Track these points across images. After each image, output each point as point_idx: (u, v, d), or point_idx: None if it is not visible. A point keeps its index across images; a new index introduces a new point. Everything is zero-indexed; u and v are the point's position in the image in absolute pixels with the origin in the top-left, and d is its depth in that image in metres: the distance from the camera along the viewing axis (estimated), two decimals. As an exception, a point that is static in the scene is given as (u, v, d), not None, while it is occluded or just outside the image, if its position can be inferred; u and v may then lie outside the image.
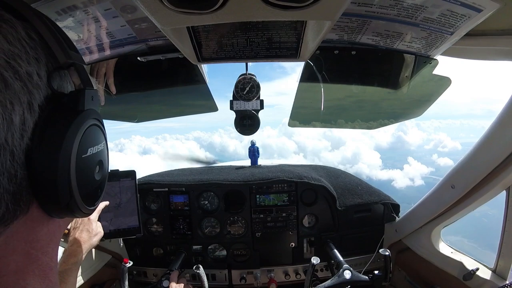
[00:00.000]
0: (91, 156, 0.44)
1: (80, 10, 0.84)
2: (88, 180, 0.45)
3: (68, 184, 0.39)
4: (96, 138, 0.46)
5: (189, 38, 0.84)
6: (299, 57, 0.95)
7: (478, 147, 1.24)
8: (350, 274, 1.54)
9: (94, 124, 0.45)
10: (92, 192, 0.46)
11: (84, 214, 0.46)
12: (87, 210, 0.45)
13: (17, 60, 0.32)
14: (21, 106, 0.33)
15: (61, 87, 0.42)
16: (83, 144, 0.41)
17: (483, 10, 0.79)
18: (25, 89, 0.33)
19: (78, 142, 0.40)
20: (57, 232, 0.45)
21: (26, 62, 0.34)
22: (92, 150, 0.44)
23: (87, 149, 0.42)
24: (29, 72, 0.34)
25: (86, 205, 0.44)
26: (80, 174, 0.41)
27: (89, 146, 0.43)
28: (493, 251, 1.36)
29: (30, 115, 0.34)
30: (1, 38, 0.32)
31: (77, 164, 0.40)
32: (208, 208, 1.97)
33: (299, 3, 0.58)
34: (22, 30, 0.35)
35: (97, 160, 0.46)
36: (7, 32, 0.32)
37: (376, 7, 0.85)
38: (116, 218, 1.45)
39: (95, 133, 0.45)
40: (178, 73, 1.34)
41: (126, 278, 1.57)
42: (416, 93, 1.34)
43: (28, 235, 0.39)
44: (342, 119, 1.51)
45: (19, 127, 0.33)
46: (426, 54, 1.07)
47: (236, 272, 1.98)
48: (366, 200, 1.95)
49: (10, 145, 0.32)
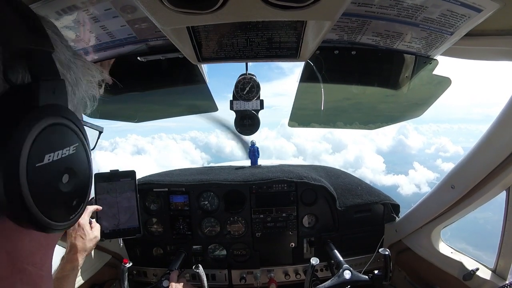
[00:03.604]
0: (51, 164, 0.36)
1: (80, 10, 0.85)
2: (50, 193, 0.37)
3: (20, 198, 0.33)
4: (60, 141, 0.38)
5: (189, 38, 0.84)
6: (299, 57, 0.95)
7: (478, 148, 1.24)
8: (350, 274, 1.53)
9: (58, 124, 0.37)
10: (59, 206, 0.40)
11: (57, 230, 0.40)
12: (57, 226, 0.39)
13: None
14: None
15: (21, 78, 0.34)
16: (36, 149, 0.34)
17: (483, 10, 0.79)
18: None
19: (29, 147, 0.33)
20: (43, 243, 0.42)
21: None
22: (52, 156, 0.36)
23: (43, 156, 0.35)
24: None
25: (53, 220, 0.38)
26: (36, 186, 0.34)
27: (47, 152, 0.35)
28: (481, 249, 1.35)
29: None
30: None
31: (30, 174, 0.33)
32: (208, 208, 1.97)
33: (299, 3, 0.58)
34: None
35: (63, 168, 0.39)
36: None
37: (376, 7, 0.85)
38: (116, 218, 1.45)
39: (58, 134, 0.38)
40: (178, 73, 1.34)
41: (126, 278, 1.57)
42: (416, 94, 1.34)
43: (6, 245, 0.36)
44: (341, 120, 1.51)
45: None
46: (426, 54, 1.07)
47: (236, 272, 1.98)
48: (366, 200, 1.95)
49: None
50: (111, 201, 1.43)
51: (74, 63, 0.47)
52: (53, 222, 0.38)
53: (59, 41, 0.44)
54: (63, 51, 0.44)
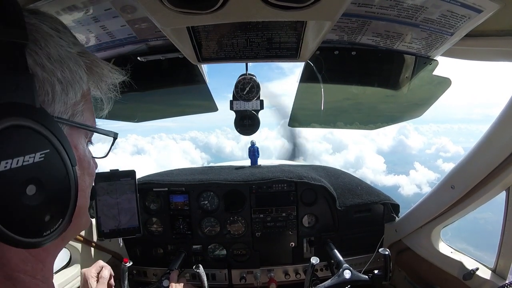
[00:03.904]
0: (10, 172, 0.32)
1: (80, 10, 0.84)
2: (10, 205, 0.33)
3: None
4: (20, 146, 0.33)
5: (189, 38, 0.84)
6: (299, 57, 0.95)
7: (478, 148, 1.24)
8: (350, 274, 1.54)
9: (18, 126, 0.33)
10: (26, 221, 0.35)
11: (32, 246, 0.36)
12: (30, 243, 0.36)
13: None
14: None
15: None
16: None
17: (483, 11, 0.79)
18: None
19: None
20: (31, 254, 0.40)
21: None
22: (10, 163, 0.32)
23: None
24: None
25: (22, 236, 0.34)
26: None
27: (2, 158, 0.32)
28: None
29: None
30: None
31: None
32: (208, 208, 1.97)
33: (299, 3, 0.58)
34: None
35: (26, 178, 0.34)
36: None
37: (376, 7, 0.85)
38: (116, 220, 1.45)
39: (18, 138, 0.33)
40: (178, 73, 1.34)
41: (126, 278, 1.57)
42: (416, 94, 1.34)
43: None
44: (341, 120, 1.51)
45: None
46: (426, 54, 1.07)
47: (236, 272, 1.98)
48: (366, 200, 1.95)
49: None
50: (111, 203, 1.43)
51: (74, 61, 0.44)
52: (22, 238, 0.34)
53: (54, 36, 0.42)
54: (57, 46, 0.41)
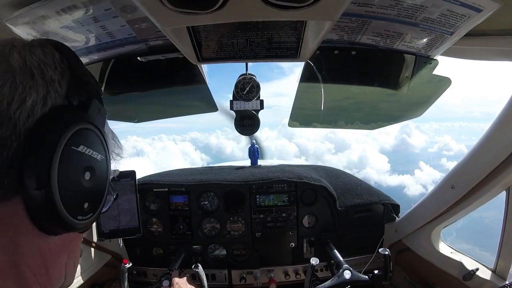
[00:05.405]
0: (82, 154, 0.44)
1: (80, 10, 0.84)
2: (73, 180, 0.43)
3: (47, 175, 0.39)
4: (93, 143, 0.46)
5: (189, 38, 0.84)
6: (299, 57, 0.95)
7: (478, 148, 1.24)
8: (350, 274, 1.53)
9: (95, 131, 0.47)
10: (77, 198, 0.44)
11: (68, 225, 0.42)
12: (71, 221, 0.42)
13: (46, 67, 0.43)
14: (37, 95, 0.40)
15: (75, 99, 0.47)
16: (76, 137, 0.43)
17: (483, 10, 0.79)
18: (44, 87, 0.41)
19: (71, 133, 0.42)
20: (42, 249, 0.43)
21: (52, 71, 0.43)
22: (85, 149, 0.44)
23: (79, 144, 0.43)
24: (52, 78, 0.43)
25: (69, 212, 0.42)
26: (64, 164, 0.40)
27: (82, 143, 0.44)
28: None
29: (41, 106, 0.40)
30: (41, 52, 0.44)
31: (64, 152, 0.41)
32: (208, 208, 1.97)
33: (299, 3, 0.58)
34: (57, 55, 0.46)
35: (89, 164, 0.45)
36: (46, 52, 0.45)
37: (376, 7, 0.85)
38: (116, 220, 1.45)
39: (93, 138, 0.47)
40: (178, 73, 1.34)
41: (126, 279, 1.57)
42: (416, 94, 1.34)
43: (10, 234, 0.39)
44: (342, 120, 1.51)
45: (29, 108, 0.39)
46: (426, 54, 1.07)
47: (236, 272, 1.98)
48: (366, 200, 1.95)
49: (15, 117, 0.38)
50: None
51: None
52: (66, 213, 0.41)
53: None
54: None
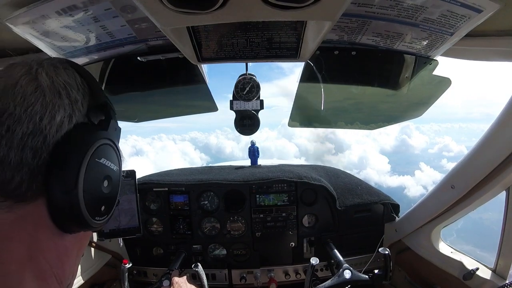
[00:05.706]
0: (103, 165, 0.50)
1: (80, 10, 0.84)
2: (95, 187, 0.49)
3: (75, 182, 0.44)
4: (112, 156, 0.53)
5: (189, 38, 0.84)
6: (299, 57, 0.95)
7: (478, 148, 1.24)
8: (350, 274, 1.54)
9: (114, 147, 0.54)
10: (96, 202, 0.50)
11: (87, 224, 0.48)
12: (90, 221, 0.48)
13: (71, 88, 0.49)
14: (64, 113, 0.46)
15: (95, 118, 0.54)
16: (99, 151, 0.49)
17: (483, 11, 0.79)
18: (70, 106, 0.48)
19: (95, 148, 0.48)
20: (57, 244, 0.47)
21: (76, 92, 0.50)
22: (105, 161, 0.51)
23: (101, 157, 0.50)
24: (76, 98, 0.49)
25: (89, 213, 0.47)
26: (89, 173, 0.46)
27: (103, 156, 0.50)
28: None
29: (68, 122, 0.47)
30: (65, 74, 0.50)
31: (90, 163, 0.47)
32: (208, 208, 1.97)
33: (299, 3, 0.58)
34: (79, 78, 0.52)
35: (108, 174, 0.52)
36: (69, 74, 0.51)
37: (376, 7, 0.85)
38: (115, 218, 1.45)
39: (112, 152, 0.54)
40: (178, 73, 1.33)
41: (126, 279, 1.57)
42: (416, 94, 1.33)
43: (31, 230, 0.43)
44: (342, 120, 1.51)
45: (57, 123, 0.45)
46: (426, 54, 1.07)
47: (236, 272, 1.98)
48: (366, 200, 1.95)
49: (46, 131, 0.44)
50: None
51: None
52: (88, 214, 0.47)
53: None
54: None
